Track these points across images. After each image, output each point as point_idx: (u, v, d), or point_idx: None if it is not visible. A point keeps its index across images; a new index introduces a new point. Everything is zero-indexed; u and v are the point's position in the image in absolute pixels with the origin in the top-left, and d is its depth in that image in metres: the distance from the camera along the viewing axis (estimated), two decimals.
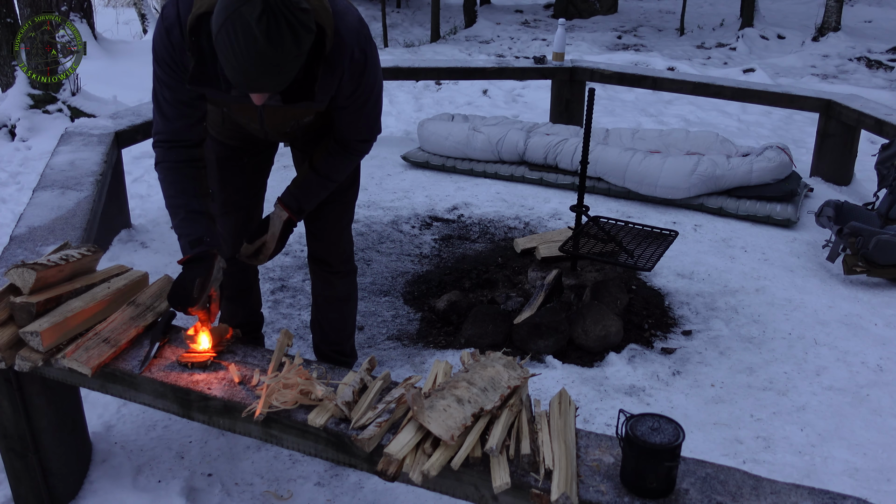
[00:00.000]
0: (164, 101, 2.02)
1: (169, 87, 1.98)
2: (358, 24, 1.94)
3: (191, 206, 2.07)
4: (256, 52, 1.60)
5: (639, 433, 1.49)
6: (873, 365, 2.97)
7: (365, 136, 2.21)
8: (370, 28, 2.55)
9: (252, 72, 1.65)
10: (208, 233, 2.07)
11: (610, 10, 14.12)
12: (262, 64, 1.63)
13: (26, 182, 4.71)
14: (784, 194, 4.38)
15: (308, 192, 2.24)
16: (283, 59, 1.64)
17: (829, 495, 1.51)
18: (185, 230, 2.07)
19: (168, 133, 2.06)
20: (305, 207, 2.24)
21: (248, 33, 1.59)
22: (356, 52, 1.93)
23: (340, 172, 2.26)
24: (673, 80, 5.75)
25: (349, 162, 2.25)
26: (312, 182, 2.23)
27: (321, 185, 2.24)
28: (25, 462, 2.13)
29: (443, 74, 6.14)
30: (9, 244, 2.60)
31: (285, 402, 1.76)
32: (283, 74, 1.69)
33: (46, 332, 1.86)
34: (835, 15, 10.81)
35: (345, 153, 2.22)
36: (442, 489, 1.64)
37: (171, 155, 2.07)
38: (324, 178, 2.23)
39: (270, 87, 1.72)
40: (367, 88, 2.03)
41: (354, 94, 2.02)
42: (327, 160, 2.21)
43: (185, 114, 2.03)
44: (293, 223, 2.27)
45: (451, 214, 4.45)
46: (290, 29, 1.62)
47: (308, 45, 1.69)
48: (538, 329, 2.97)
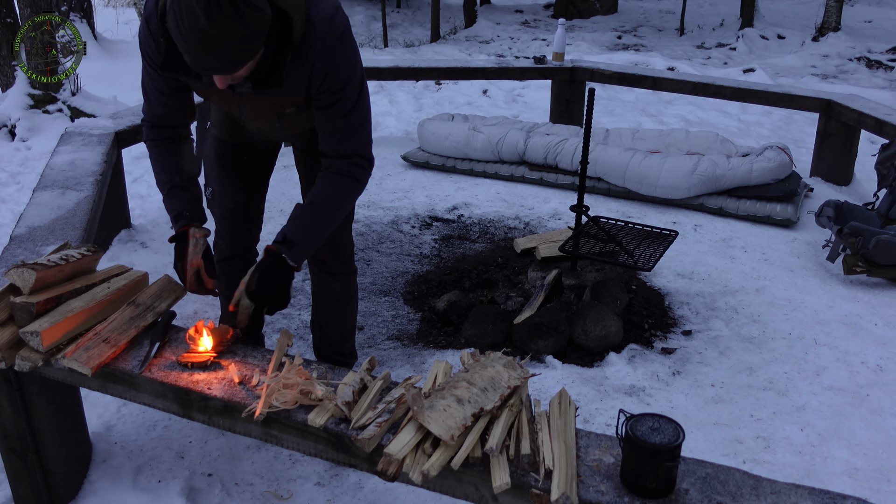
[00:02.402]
0: (147, 88, 2.11)
1: (150, 75, 2.06)
2: (332, 12, 1.90)
3: (173, 182, 2.15)
4: (199, 30, 1.62)
5: (639, 433, 1.49)
6: (873, 365, 2.97)
7: (350, 150, 2.06)
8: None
9: (198, 52, 1.66)
10: (188, 207, 2.13)
11: (610, 10, 14.12)
12: (206, 43, 1.64)
13: (26, 182, 4.71)
14: (784, 194, 4.38)
15: (295, 220, 2.06)
16: (227, 38, 1.63)
17: (829, 495, 1.50)
18: (169, 206, 2.16)
19: (153, 117, 2.16)
20: (293, 238, 2.03)
21: (191, 12, 1.60)
22: (328, 39, 1.88)
23: (329, 197, 2.06)
24: (673, 80, 5.75)
25: (340, 186, 2.07)
26: (300, 209, 2.09)
27: (307, 211, 2.07)
28: (25, 462, 2.13)
29: (443, 74, 6.14)
30: (9, 244, 2.60)
31: (285, 402, 1.76)
32: (233, 54, 1.68)
33: (46, 332, 1.86)
34: (835, 15, 10.81)
35: (334, 175, 2.06)
36: (442, 489, 1.64)
37: (154, 133, 2.17)
38: (310, 205, 2.07)
39: (221, 68, 1.72)
40: (340, 80, 1.94)
41: (325, 83, 1.93)
42: (317, 184, 2.08)
43: (165, 102, 2.11)
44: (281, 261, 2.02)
45: (451, 214, 4.45)
46: (232, 7, 1.61)
47: (258, 25, 1.67)
48: (538, 329, 2.97)
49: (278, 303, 2.06)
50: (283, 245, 2.01)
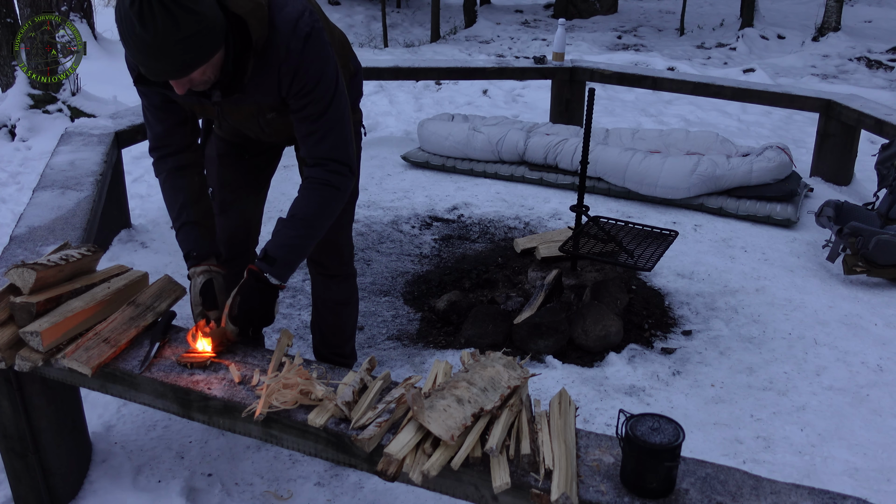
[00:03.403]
0: (144, 108, 2.12)
1: (144, 93, 2.06)
2: (297, 16, 1.87)
3: (182, 219, 2.15)
4: (136, 36, 1.63)
5: (639, 433, 1.49)
6: (873, 365, 2.97)
7: (326, 154, 2.01)
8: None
9: (143, 58, 1.68)
10: (195, 246, 2.14)
11: (610, 10, 14.12)
12: (145, 49, 1.65)
13: (26, 182, 4.71)
14: (784, 194, 4.38)
15: (277, 236, 2.02)
16: (163, 41, 1.63)
17: (829, 495, 1.50)
18: (181, 244, 2.17)
19: (154, 140, 2.15)
20: (274, 254, 1.99)
21: (128, 20, 1.62)
22: (292, 42, 1.86)
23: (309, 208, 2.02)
24: (673, 80, 5.75)
25: (318, 195, 2.03)
26: (281, 224, 2.04)
27: (288, 225, 2.02)
28: (25, 462, 2.13)
29: (443, 74, 6.14)
30: (9, 244, 2.60)
31: (285, 402, 1.76)
32: (176, 58, 1.68)
33: (46, 332, 1.86)
34: (835, 15, 10.81)
35: (312, 185, 2.03)
36: (442, 489, 1.64)
37: (162, 165, 2.16)
38: (290, 218, 2.02)
39: (170, 73, 1.72)
40: (309, 82, 1.91)
41: (294, 86, 1.91)
42: (297, 196, 2.04)
43: (162, 118, 2.10)
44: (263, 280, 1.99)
45: (451, 214, 4.45)
46: (163, 11, 1.60)
47: (194, 27, 1.65)
48: (538, 329, 2.97)
49: (261, 323, 2.05)
50: (264, 262, 2.00)
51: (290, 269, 2.05)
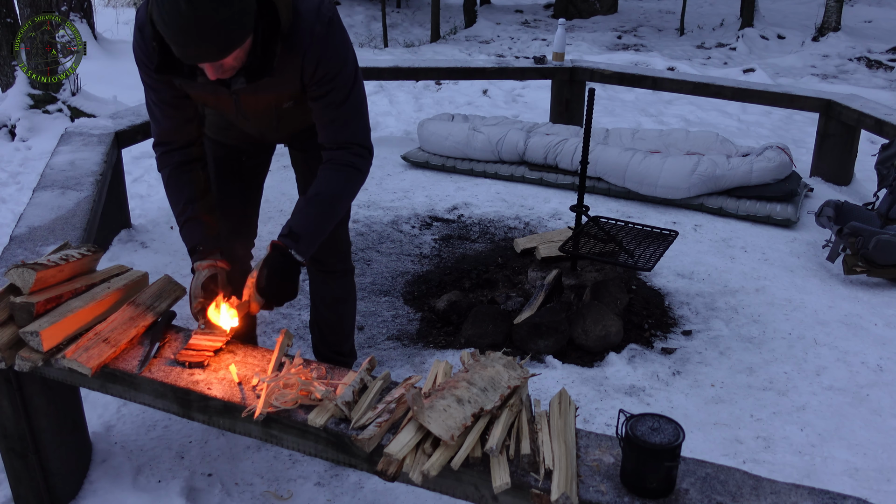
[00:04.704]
0: (151, 104, 2.09)
1: (152, 88, 2.04)
2: (318, 2, 1.92)
3: (187, 214, 2.14)
4: (181, 16, 1.63)
5: (639, 433, 1.49)
6: (873, 365, 2.97)
7: (349, 139, 2.06)
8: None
9: (184, 40, 1.68)
10: (201, 240, 2.13)
11: (610, 10, 14.12)
12: (190, 29, 1.65)
13: (26, 182, 4.71)
14: (784, 194, 4.38)
15: (300, 214, 2.06)
16: (209, 20, 1.64)
17: (829, 495, 1.50)
18: (185, 239, 2.16)
19: (160, 135, 2.13)
20: (299, 231, 2.03)
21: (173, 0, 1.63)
22: (317, 27, 1.90)
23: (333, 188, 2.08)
24: (673, 80, 5.75)
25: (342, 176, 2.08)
26: (304, 202, 2.08)
27: (311, 203, 2.07)
28: (25, 462, 2.13)
29: (443, 74, 6.14)
30: (9, 244, 2.60)
31: (285, 402, 1.76)
32: (218, 39, 1.69)
33: (46, 332, 1.86)
34: (835, 15, 10.81)
35: (335, 166, 2.07)
36: (442, 489, 1.64)
37: (167, 160, 2.15)
38: (314, 196, 2.07)
39: (209, 55, 1.72)
40: (332, 69, 1.96)
41: (318, 72, 1.95)
42: (319, 176, 2.08)
43: (171, 115, 2.09)
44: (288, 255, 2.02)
45: (451, 214, 4.45)
46: None
47: (238, 6, 1.68)
48: (538, 329, 2.97)
49: (286, 297, 2.06)
50: (288, 239, 2.02)
51: (313, 247, 2.07)
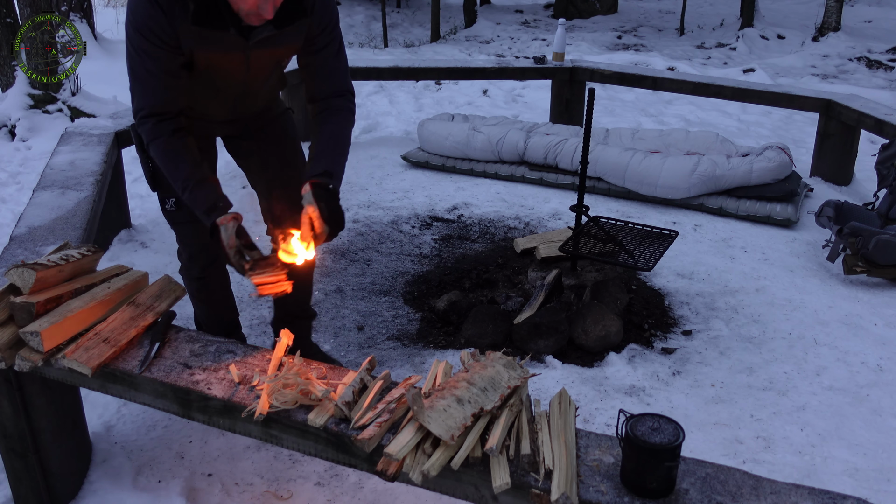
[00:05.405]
0: (147, 73, 2.04)
1: (154, 57, 2.01)
2: None
3: (197, 176, 2.10)
4: None
5: (639, 433, 1.49)
6: (873, 365, 2.97)
7: (345, 86, 2.27)
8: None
9: None
10: (221, 197, 2.12)
11: (610, 10, 14.12)
12: None
13: (26, 182, 4.71)
14: (784, 194, 4.38)
15: (324, 155, 2.19)
16: None
17: (829, 495, 1.51)
18: (199, 199, 2.09)
19: (155, 106, 2.08)
20: (331, 169, 2.16)
21: None
22: None
23: (344, 129, 2.27)
24: (673, 80, 5.75)
25: (346, 119, 2.27)
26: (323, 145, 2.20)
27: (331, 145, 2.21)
28: (25, 462, 2.13)
29: (443, 74, 6.14)
30: (9, 244, 2.60)
31: (285, 402, 1.76)
32: None
33: (46, 332, 1.86)
34: (835, 15, 10.81)
35: (337, 112, 2.25)
36: (442, 489, 1.64)
37: (163, 128, 2.08)
38: (331, 138, 2.21)
39: None
40: (332, 19, 2.18)
41: (322, 22, 2.14)
42: (326, 122, 2.23)
43: (170, 84, 2.07)
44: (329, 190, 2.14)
45: (451, 214, 4.45)
46: None
47: None
48: (538, 329, 2.97)
49: (343, 224, 2.16)
50: (324, 177, 2.13)
51: (340, 183, 2.20)
